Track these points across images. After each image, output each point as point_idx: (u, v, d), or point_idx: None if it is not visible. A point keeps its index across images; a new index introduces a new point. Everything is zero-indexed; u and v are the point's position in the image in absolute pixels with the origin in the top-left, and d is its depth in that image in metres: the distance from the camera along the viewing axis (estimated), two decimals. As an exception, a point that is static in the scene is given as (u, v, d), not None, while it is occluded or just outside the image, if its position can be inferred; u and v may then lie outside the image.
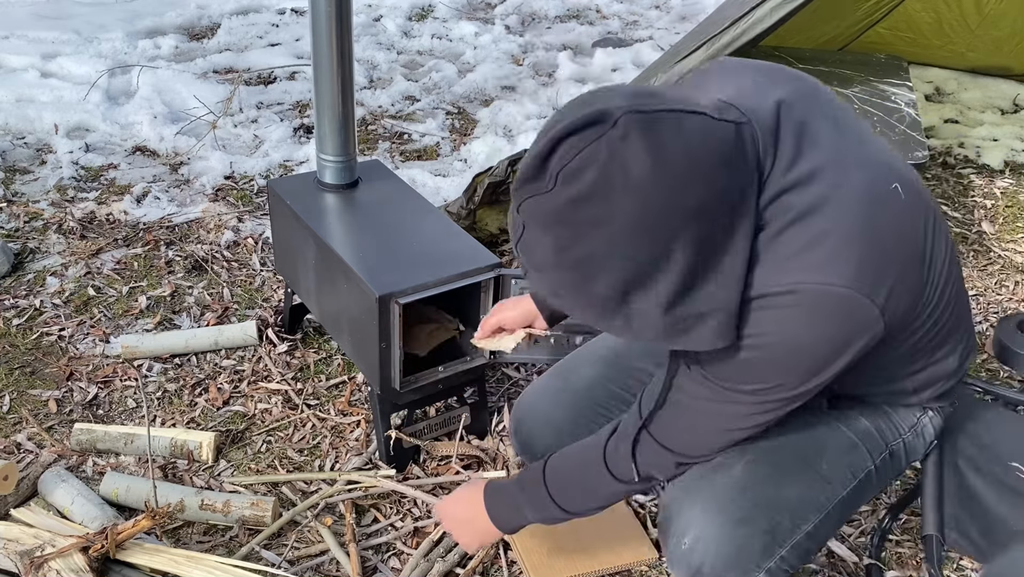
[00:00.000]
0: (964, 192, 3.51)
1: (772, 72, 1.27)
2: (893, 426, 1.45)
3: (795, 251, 1.13)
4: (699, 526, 1.34)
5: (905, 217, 1.22)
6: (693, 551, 1.34)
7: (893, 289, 1.17)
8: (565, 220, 1.06)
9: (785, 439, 1.39)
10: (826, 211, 1.14)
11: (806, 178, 1.15)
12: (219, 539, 1.91)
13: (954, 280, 1.34)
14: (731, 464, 1.36)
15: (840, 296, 1.12)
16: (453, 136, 3.86)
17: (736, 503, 1.33)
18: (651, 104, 1.05)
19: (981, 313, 2.78)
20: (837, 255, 1.12)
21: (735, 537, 1.32)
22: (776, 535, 1.34)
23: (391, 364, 1.92)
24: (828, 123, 1.21)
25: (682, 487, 1.37)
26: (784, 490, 1.35)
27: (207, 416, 2.26)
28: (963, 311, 1.42)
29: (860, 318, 1.15)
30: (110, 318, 2.61)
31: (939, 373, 1.42)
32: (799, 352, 1.16)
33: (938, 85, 4.38)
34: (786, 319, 1.13)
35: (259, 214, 3.14)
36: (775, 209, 1.14)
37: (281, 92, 4.19)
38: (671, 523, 1.37)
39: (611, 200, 1.03)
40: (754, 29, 2.52)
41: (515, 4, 5.51)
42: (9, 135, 3.63)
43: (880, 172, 1.22)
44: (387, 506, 2.00)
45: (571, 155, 1.04)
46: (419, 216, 2.16)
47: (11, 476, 1.86)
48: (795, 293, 1.12)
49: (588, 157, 1.03)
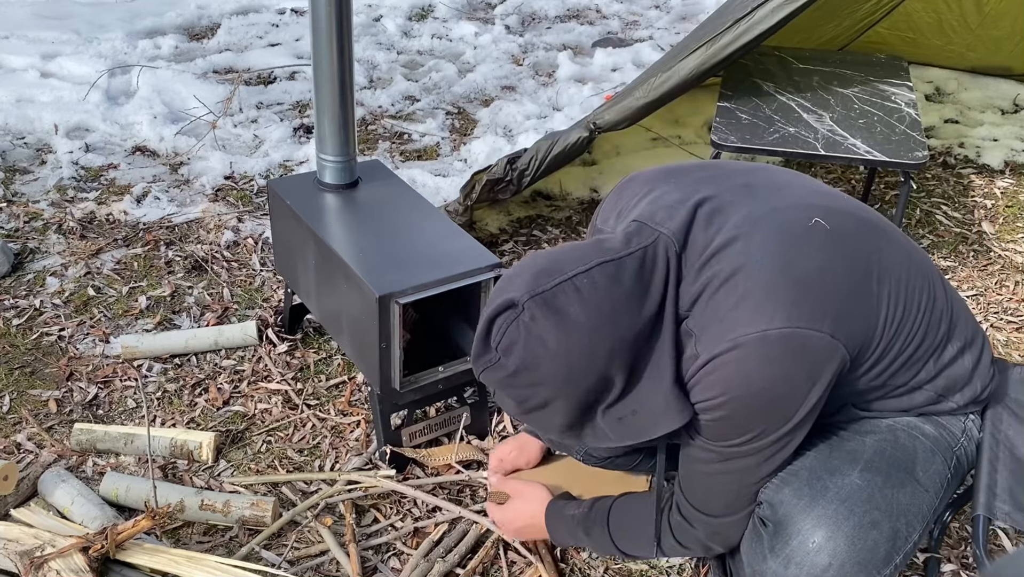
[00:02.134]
0: (964, 192, 3.51)
1: (677, 173, 1.47)
2: (949, 433, 1.48)
3: (727, 312, 1.28)
4: (829, 527, 1.34)
5: (833, 245, 1.33)
6: (822, 550, 1.34)
7: (838, 313, 1.27)
8: (513, 384, 1.30)
9: (882, 449, 1.42)
10: (746, 269, 1.29)
11: (721, 247, 1.31)
12: (219, 539, 1.91)
13: (928, 284, 1.40)
14: (846, 471, 1.39)
15: (779, 337, 1.24)
16: (453, 136, 3.86)
17: (864, 507, 1.36)
18: (548, 283, 1.27)
19: (981, 313, 2.78)
20: (764, 304, 1.26)
21: (866, 540, 1.34)
22: (896, 542, 1.37)
23: (391, 364, 1.92)
24: (739, 193, 1.38)
25: (800, 490, 1.38)
26: (899, 498, 1.39)
27: (207, 416, 2.26)
28: (956, 311, 1.45)
29: (811, 350, 1.26)
30: (110, 318, 2.61)
31: (957, 374, 1.45)
32: (763, 396, 1.27)
33: (938, 85, 4.38)
34: (739, 372, 1.27)
35: (259, 214, 3.14)
36: (702, 282, 1.31)
37: (281, 92, 4.18)
38: (792, 522, 1.37)
39: (540, 368, 1.26)
40: (755, 29, 2.52)
41: (515, 4, 5.51)
42: (9, 135, 3.63)
43: (795, 214, 1.35)
44: (387, 506, 2.00)
45: (500, 334, 1.28)
46: (419, 216, 2.15)
47: (11, 476, 1.86)
48: (738, 347, 1.25)
49: (512, 337, 1.27)
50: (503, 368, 1.29)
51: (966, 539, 1.96)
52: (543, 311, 1.26)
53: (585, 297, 1.27)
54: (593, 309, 1.26)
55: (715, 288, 1.29)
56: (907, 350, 1.37)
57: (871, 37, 4.15)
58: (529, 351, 1.26)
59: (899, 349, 1.36)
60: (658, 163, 1.58)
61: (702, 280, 1.31)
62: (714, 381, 1.28)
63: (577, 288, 1.27)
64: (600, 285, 1.28)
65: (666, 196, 1.40)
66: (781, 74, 3.01)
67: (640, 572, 1.86)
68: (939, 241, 3.17)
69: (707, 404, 1.31)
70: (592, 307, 1.26)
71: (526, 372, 1.28)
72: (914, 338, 1.37)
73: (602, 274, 1.28)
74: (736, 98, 2.81)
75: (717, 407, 1.30)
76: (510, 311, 1.28)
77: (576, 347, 1.25)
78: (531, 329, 1.26)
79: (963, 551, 1.94)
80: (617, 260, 1.30)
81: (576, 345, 1.25)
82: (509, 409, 1.37)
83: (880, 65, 3.17)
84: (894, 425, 1.46)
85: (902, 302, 1.35)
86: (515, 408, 1.35)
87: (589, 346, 1.26)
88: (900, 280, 1.36)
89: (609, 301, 1.27)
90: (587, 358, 1.26)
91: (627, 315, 1.28)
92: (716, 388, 1.28)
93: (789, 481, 1.39)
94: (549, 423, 1.34)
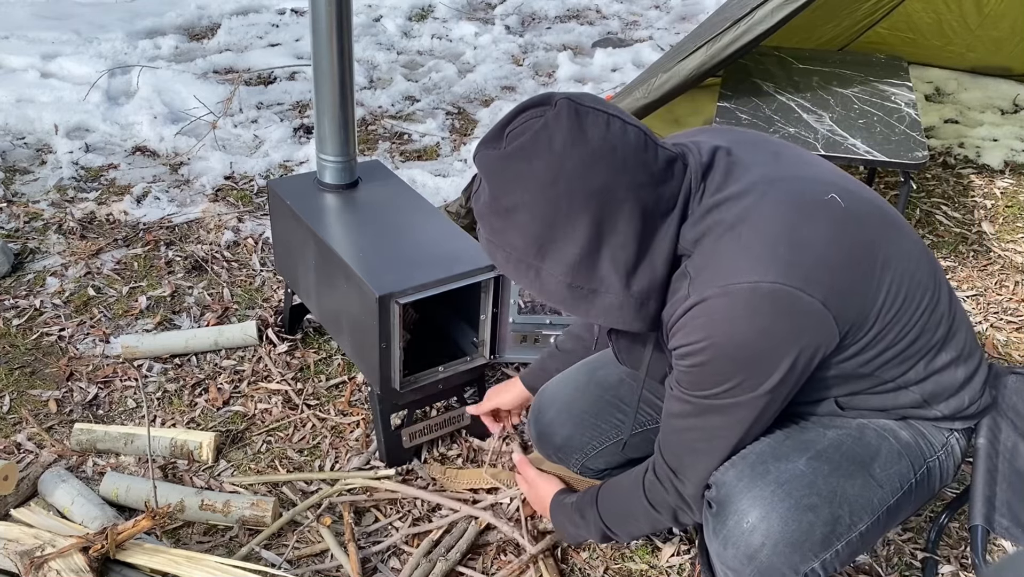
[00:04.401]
0: (964, 192, 3.51)
1: (712, 129, 1.51)
2: (928, 443, 1.48)
3: (725, 259, 1.27)
4: (764, 507, 1.36)
5: (845, 222, 1.32)
6: (755, 530, 1.36)
7: (835, 286, 1.26)
8: (499, 171, 1.28)
9: (840, 442, 1.43)
10: (752, 221, 1.28)
11: (735, 196, 1.30)
12: (219, 539, 1.91)
13: (935, 286, 1.40)
14: (794, 458, 1.40)
15: (769, 291, 1.23)
16: (453, 136, 3.86)
17: (803, 491, 1.37)
18: (591, 103, 1.27)
19: (981, 313, 2.78)
20: (761, 258, 1.25)
21: (801, 522, 1.35)
22: (836, 528, 1.37)
23: (391, 364, 1.92)
24: (766, 156, 1.39)
25: (743, 472, 1.40)
26: (845, 488, 1.39)
27: (207, 416, 2.26)
28: (958, 322, 1.46)
29: (800, 311, 1.24)
30: (110, 318, 2.61)
31: (946, 383, 1.44)
32: (745, 347, 1.26)
33: (938, 85, 4.38)
34: (724, 318, 1.25)
35: (259, 214, 3.14)
36: (707, 225, 1.29)
37: (281, 92, 4.19)
38: (730, 502, 1.38)
39: (532, 161, 1.25)
40: (755, 29, 2.53)
41: (515, 4, 5.51)
42: (9, 135, 3.63)
43: (814, 186, 1.35)
44: (387, 506, 2.00)
45: (520, 124, 1.27)
46: (419, 216, 2.16)
47: (11, 476, 1.86)
48: (727, 294, 1.24)
49: (529, 126, 1.26)
50: (502, 152, 1.28)
51: (965, 539, 1.96)
52: (569, 117, 1.25)
53: (611, 134, 1.26)
54: (610, 147, 1.25)
55: (719, 234, 1.29)
56: (900, 343, 1.36)
57: (871, 37, 4.15)
58: (534, 140, 1.25)
59: (892, 340, 1.35)
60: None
61: (707, 223, 1.30)
62: (698, 325, 1.27)
63: (609, 124, 1.26)
64: (630, 140, 1.27)
65: (700, 137, 1.43)
66: (781, 74, 3.01)
67: (640, 572, 1.86)
68: (939, 241, 3.17)
69: (689, 348, 1.29)
70: (610, 145, 1.25)
71: (517, 160, 1.26)
72: (909, 333, 1.36)
73: (637, 135, 1.28)
74: (736, 98, 2.81)
75: (699, 351, 1.28)
76: (543, 106, 1.27)
77: (575, 161, 1.24)
78: (548, 124, 1.25)
79: (963, 551, 1.94)
80: (653, 142, 1.30)
81: (576, 160, 1.24)
82: (480, 206, 1.34)
83: (880, 65, 3.17)
84: (865, 425, 1.47)
85: (903, 294, 1.34)
86: (486, 204, 1.32)
87: (586, 170, 1.24)
88: (906, 272, 1.35)
89: (623, 151, 1.26)
90: (572, 181, 1.24)
91: (628, 175, 1.26)
92: (699, 332, 1.27)
93: (736, 464, 1.40)
94: (507, 239, 1.31)
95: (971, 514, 1.47)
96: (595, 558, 1.88)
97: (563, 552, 1.89)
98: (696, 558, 1.86)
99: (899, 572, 1.89)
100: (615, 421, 1.75)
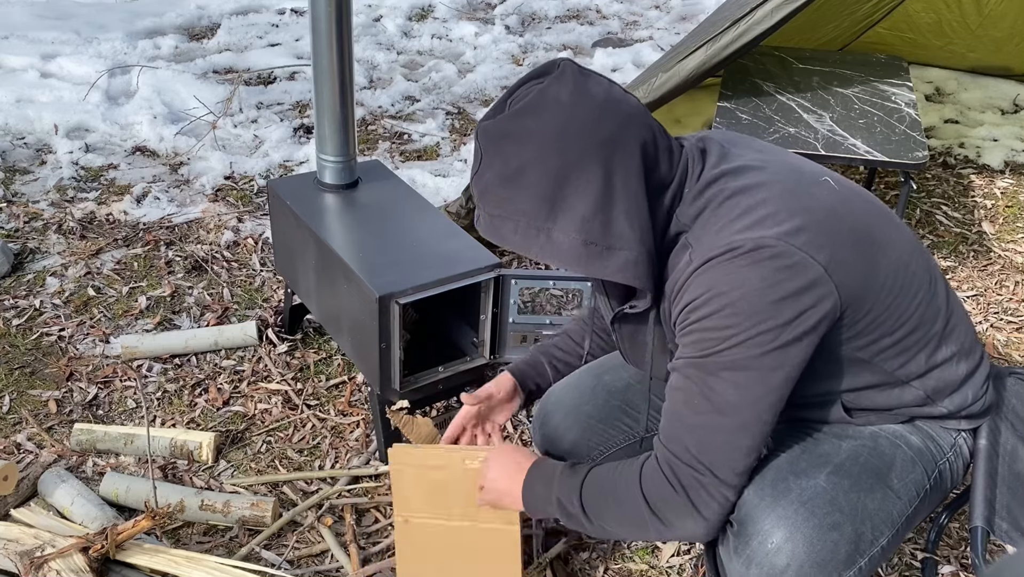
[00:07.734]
0: (964, 192, 3.51)
1: (705, 132, 1.51)
2: (937, 445, 1.48)
3: (732, 219, 1.28)
4: (788, 527, 1.34)
5: (840, 201, 1.34)
6: (780, 551, 1.34)
7: (836, 255, 1.27)
8: (505, 133, 1.28)
9: (857, 454, 1.42)
10: (751, 189, 1.31)
11: (731, 172, 1.34)
12: (219, 540, 1.91)
13: (930, 279, 1.40)
14: (813, 474, 1.39)
15: (774, 246, 1.24)
16: (453, 136, 3.86)
17: (825, 509, 1.35)
18: (592, 74, 1.30)
19: (981, 313, 2.78)
20: (764, 219, 1.27)
21: (826, 541, 1.34)
22: (859, 545, 1.36)
23: (391, 364, 1.92)
24: (752, 150, 1.42)
25: (763, 490, 1.37)
26: (866, 502, 1.38)
27: (207, 416, 2.26)
28: (956, 317, 1.46)
29: (802, 271, 1.24)
30: (110, 318, 2.61)
31: (948, 378, 1.44)
32: (750, 296, 1.24)
33: (938, 85, 4.38)
34: (729, 271, 1.26)
35: (259, 214, 3.14)
36: (706, 199, 1.32)
37: (281, 92, 4.19)
38: (752, 521, 1.36)
39: (541, 115, 1.26)
40: (754, 29, 2.53)
41: (515, 4, 5.51)
42: (9, 135, 3.63)
43: (808, 172, 1.39)
44: (387, 506, 2.00)
45: (524, 93, 1.29)
46: (419, 216, 2.15)
47: (11, 476, 1.86)
48: (733, 249, 1.25)
49: (533, 88, 1.29)
50: (505, 116, 1.29)
51: (965, 539, 1.96)
52: (574, 76, 1.28)
53: (612, 91, 1.30)
54: (615, 102, 1.28)
55: (719, 203, 1.31)
56: (899, 332, 1.36)
57: (871, 37, 4.15)
58: (539, 98, 1.27)
59: (891, 327, 1.35)
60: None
61: (705, 197, 1.32)
62: (703, 281, 1.27)
63: (611, 87, 1.30)
64: (632, 102, 1.31)
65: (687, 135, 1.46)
66: (781, 74, 3.01)
67: (640, 572, 1.86)
68: (939, 241, 3.17)
69: (695, 303, 1.28)
70: (615, 99, 1.29)
71: (523, 117, 1.27)
72: (907, 322, 1.36)
73: (636, 104, 1.32)
74: (736, 98, 2.81)
75: (704, 303, 1.26)
76: (547, 75, 1.29)
77: (583, 113, 1.26)
78: (553, 82, 1.27)
79: (963, 552, 1.94)
80: (657, 125, 1.33)
81: (584, 111, 1.26)
82: (484, 182, 1.32)
83: (880, 65, 3.17)
84: (878, 433, 1.46)
85: (900, 281, 1.34)
86: (490, 177, 1.30)
87: (595, 122, 1.26)
88: (901, 261, 1.35)
89: (626, 108, 1.29)
90: (581, 133, 1.25)
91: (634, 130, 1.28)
92: (704, 286, 1.27)
93: (755, 481, 1.38)
94: (515, 207, 1.30)
95: (972, 515, 1.47)
96: (595, 558, 1.88)
97: (565, 556, 1.88)
98: (697, 560, 1.86)
99: (899, 572, 1.89)
100: (622, 426, 1.74)
